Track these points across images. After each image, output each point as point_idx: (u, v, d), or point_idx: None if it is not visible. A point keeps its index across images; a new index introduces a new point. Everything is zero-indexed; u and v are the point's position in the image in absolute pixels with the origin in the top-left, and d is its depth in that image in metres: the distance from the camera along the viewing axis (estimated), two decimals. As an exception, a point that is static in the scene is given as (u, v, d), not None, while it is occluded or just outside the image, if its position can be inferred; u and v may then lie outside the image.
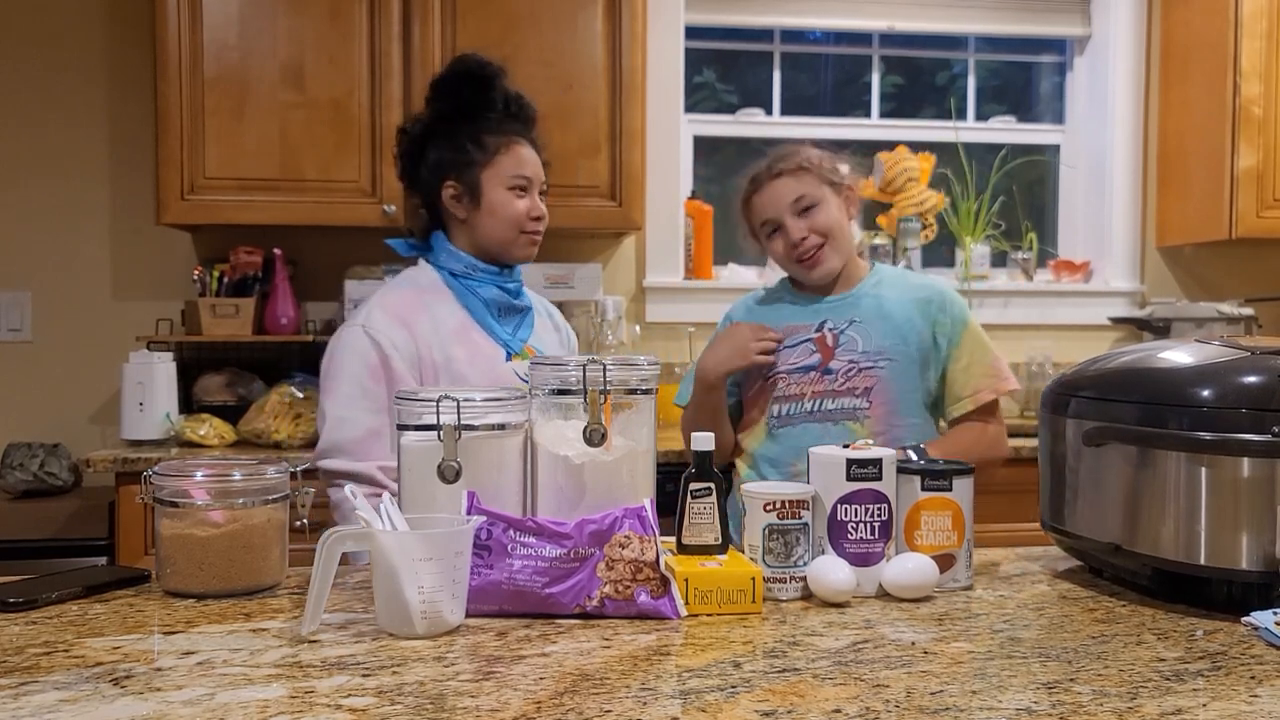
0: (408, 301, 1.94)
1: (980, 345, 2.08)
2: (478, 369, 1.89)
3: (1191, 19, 3.57)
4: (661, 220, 3.53)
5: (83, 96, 3.33)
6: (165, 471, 1.41)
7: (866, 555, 1.40)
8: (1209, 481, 1.31)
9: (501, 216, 1.95)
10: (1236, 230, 3.39)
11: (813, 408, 2.03)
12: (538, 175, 1.98)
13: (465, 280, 1.97)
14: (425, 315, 1.92)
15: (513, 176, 1.94)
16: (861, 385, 2.02)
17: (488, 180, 1.94)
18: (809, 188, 2.04)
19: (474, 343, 1.93)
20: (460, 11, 3.07)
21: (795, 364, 2.05)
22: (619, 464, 1.41)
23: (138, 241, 3.34)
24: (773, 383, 2.06)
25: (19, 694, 1.01)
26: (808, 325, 2.07)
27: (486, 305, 1.96)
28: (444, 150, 1.96)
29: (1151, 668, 1.11)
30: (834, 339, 2.05)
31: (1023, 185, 3.90)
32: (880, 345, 2.03)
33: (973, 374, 2.06)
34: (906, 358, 2.03)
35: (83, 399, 3.34)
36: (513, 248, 1.97)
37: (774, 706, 0.99)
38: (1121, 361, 1.49)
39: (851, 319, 2.06)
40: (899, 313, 2.06)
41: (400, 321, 1.89)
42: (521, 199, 1.95)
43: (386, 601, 1.20)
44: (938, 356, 2.06)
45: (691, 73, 3.71)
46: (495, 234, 1.96)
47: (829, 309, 2.08)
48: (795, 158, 2.06)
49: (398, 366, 1.85)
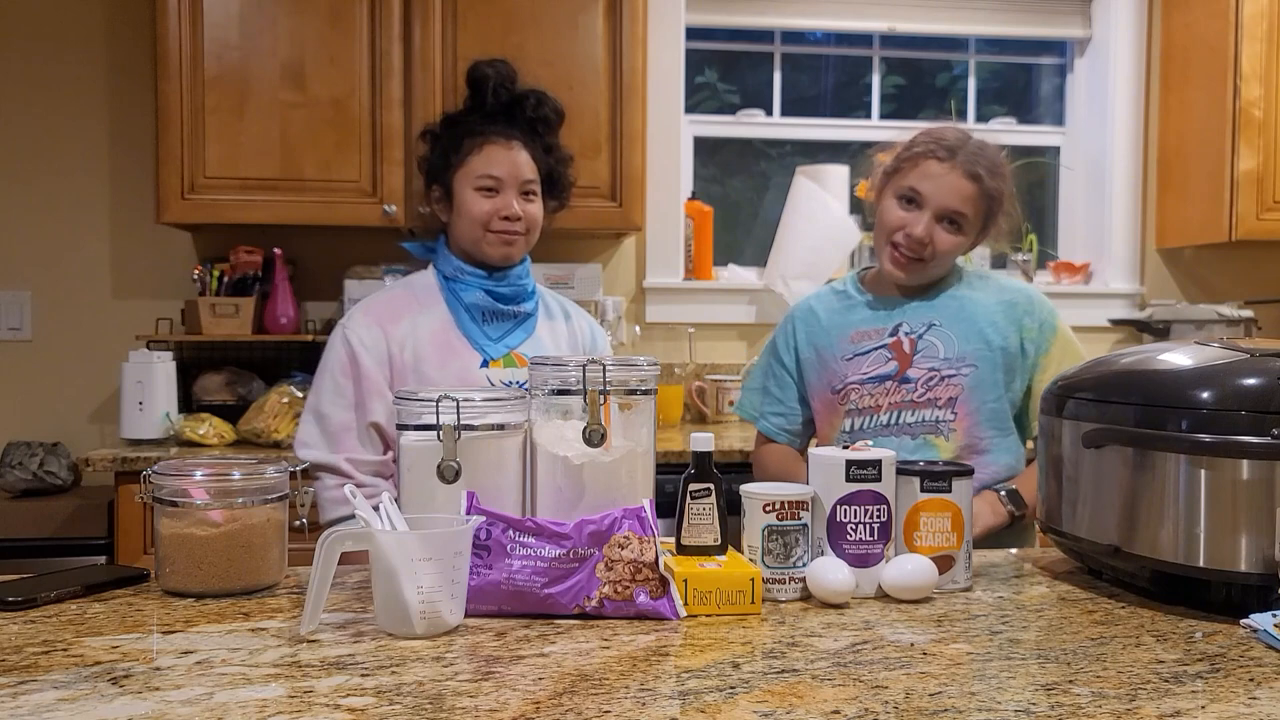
0: (394, 303, 1.98)
1: (1071, 355, 1.88)
2: (448, 373, 1.90)
3: (1192, 21, 3.57)
4: (662, 221, 3.53)
5: (83, 96, 3.33)
6: (164, 471, 1.41)
7: (865, 556, 1.40)
8: (1208, 484, 1.31)
9: (466, 217, 1.94)
10: (1236, 232, 3.39)
11: (889, 420, 1.87)
12: (514, 175, 1.95)
13: (453, 283, 1.98)
14: (408, 317, 1.95)
15: (479, 176, 1.94)
16: (944, 395, 1.85)
17: (458, 182, 1.96)
18: (973, 213, 1.85)
19: (450, 347, 1.93)
20: (461, 12, 3.07)
21: (868, 373, 1.88)
22: (618, 464, 1.41)
23: (138, 240, 3.33)
24: (844, 395, 1.90)
25: (18, 693, 1.01)
26: (880, 329, 1.90)
27: (469, 309, 1.96)
28: (435, 155, 2.01)
29: (1150, 669, 1.11)
30: (911, 344, 1.87)
31: (1023, 187, 3.88)
32: (963, 351, 1.86)
33: None
34: (991, 364, 1.86)
35: (82, 398, 3.34)
36: (483, 247, 1.95)
37: (773, 707, 0.99)
38: (1121, 363, 1.49)
39: (930, 322, 1.88)
40: (982, 315, 1.88)
41: (377, 322, 1.94)
42: (488, 198, 1.93)
43: (385, 601, 1.20)
44: (1024, 365, 1.89)
45: (693, 73, 3.71)
46: (465, 235, 1.96)
47: (905, 311, 1.91)
48: (994, 180, 1.85)
49: (366, 364, 1.90)
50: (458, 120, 2.00)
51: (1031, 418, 1.90)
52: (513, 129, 1.97)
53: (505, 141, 1.96)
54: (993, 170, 1.86)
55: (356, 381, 1.91)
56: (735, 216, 3.84)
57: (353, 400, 1.91)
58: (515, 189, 1.95)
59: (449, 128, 2.01)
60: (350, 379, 1.91)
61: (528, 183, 1.97)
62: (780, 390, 2.03)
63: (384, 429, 1.90)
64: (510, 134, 1.97)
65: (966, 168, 1.84)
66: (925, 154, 1.87)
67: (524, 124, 1.99)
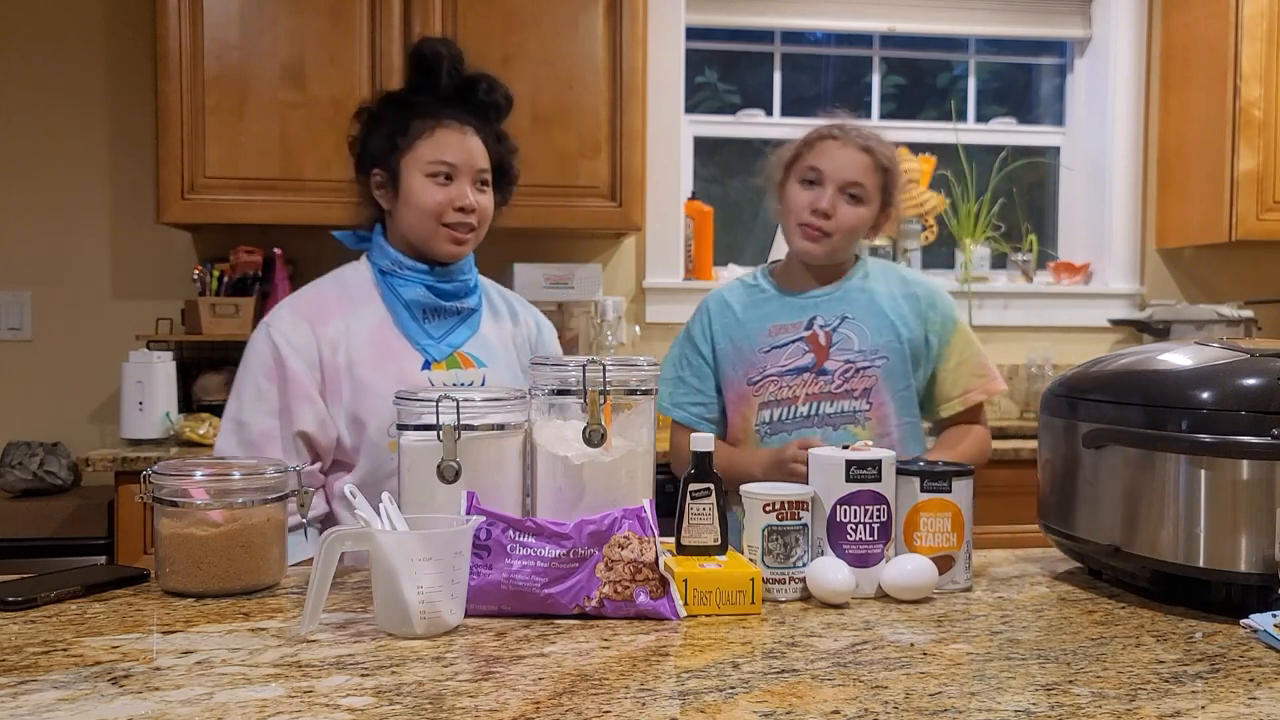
0: (324, 300, 1.81)
1: (970, 344, 2.02)
2: (386, 376, 1.71)
3: (1192, 21, 3.57)
4: (661, 221, 3.53)
5: (83, 96, 3.32)
6: (164, 471, 1.41)
7: (865, 556, 1.40)
8: (1208, 484, 1.31)
9: (415, 206, 1.77)
10: (1236, 233, 3.39)
11: (809, 411, 1.94)
12: (469, 163, 1.78)
13: (390, 278, 1.80)
14: (339, 316, 1.78)
15: (430, 162, 1.76)
16: (860, 386, 1.94)
17: (406, 167, 1.78)
18: (871, 184, 1.93)
19: (387, 347, 1.77)
20: (461, 12, 3.07)
21: (786, 366, 1.95)
22: (618, 465, 1.41)
23: (138, 240, 3.33)
24: (761, 387, 1.96)
25: (18, 693, 1.01)
26: (796, 323, 1.97)
27: (408, 307, 1.79)
28: (376, 136, 1.83)
29: (1150, 670, 1.11)
30: (827, 337, 1.95)
31: (1023, 187, 3.90)
32: (876, 344, 1.95)
33: (962, 374, 2.00)
34: (901, 355, 1.96)
35: (82, 398, 3.34)
36: (433, 241, 1.77)
37: (773, 708, 0.99)
38: (1121, 364, 1.49)
39: (843, 315, 1.96)
40: (891, 309, 1.97)
41: (306, 320, 1.77)
42: (441, 187, 1.76)
43: (385, 601, 1.20)
44: (928, 355, 1.99)
45: (693, 73, 3.71)
46: (413, 225, 1.78)
47: (817, 305, 1.98)
48: (888, 153, 1.96)
49: (293, 367, 1.73)
50: (404, 101, 1.83)
51: (936, 401, 2.02)
52: (466, 114, 1.81)
53: (459, 126, 1.79)
54: (881, 144, 1.97)
55: (281, 386, 1.73)
56: (735, 216, 3.84)
57: (276, 407, 1.73)
58: (470, 178, 1.78)
59: (393, 108, 1.83)
60: (274, 383, 1.73)
61: (482, 172, 1.80)
62: (699, 380, 2.05)
63: (313, 438, 1.72)
64: (464, 119, 1.80)
65: (860, 142, 1.95)
66: (820, 137, 1.97)
67: (476, 108, 1.82)
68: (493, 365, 1.82)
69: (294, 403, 1.72)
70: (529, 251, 3.38)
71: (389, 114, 1.83)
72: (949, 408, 2.01)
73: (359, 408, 1.73)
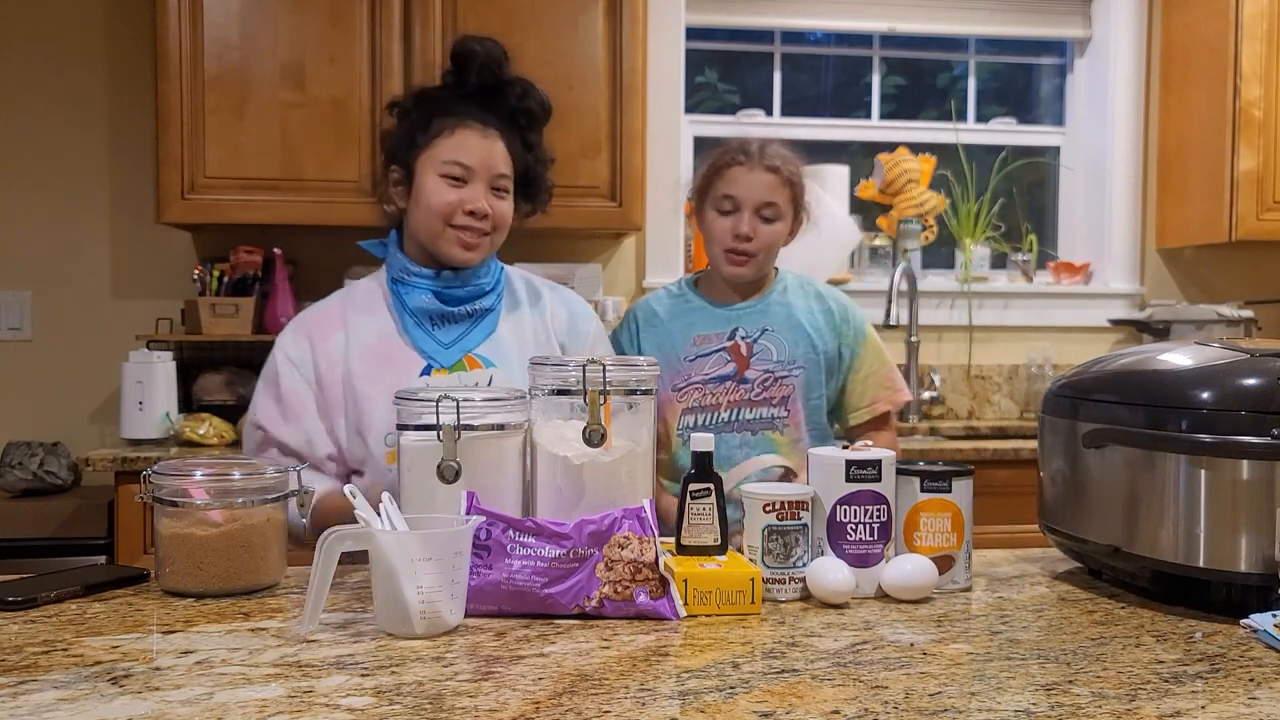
0: (328, 316, 1.80)
1: (878, 357, 2.10)
2: (382, 386, 1.66)
3: (1192, 21, 3.57)
4: (661, 221, 3.53)
5: (83, 95, 3.32)
6: (164, 471, 1.41)
7: (865, 556, 1.40)
8: (1208, 484, 1.31)
9: (424, 205, 1.72)
10: (1236, 233, 3.39)
11: (730, 417, 2.01)
12: (486, 166, 1.73)
13: (398, 285, 1.78)
14: (339, 331, 1.77)
15: (445, 162, 1.71)
16: (778, 394, 2.02)
17: (421, 165, 1.74)
18: (782, 200, 2.02)
19: (387, 358, 1.74)
20: (461, 12, 3.07)
21: (710, 374, 2.03)
22: (618, 464, 1.42)
23: (138, 241, 3.33)
24: (685, 394, 2.03)
25: (18, 693, 1.01)
26: (720, 334, 2.05)
27: (414, 314, 1.76)
28: (400, 132, 1.79)
29: (1150, 670, 1.11)
30: (748, 348, 2.04)
31: (1023, 187, 3.90)
32: (793, 355, 2.04)
33: (870, 385, 2.09)
34: (816, 366, 2.05)
35: (82, 398, 3.34)
36: (439, 242, 1.73)
37: (772, 708, 0.99)
38: (1121, 364, 1.49)
39: (764, 327, 2.05)
40: (808, 322, 2.06)
41: (307, 337, 1.77)
42: (453, 188, 1.71)
43: (385, 601, 1.20)
44: (840, 366, 2.08)
45: (693, 73, 3.71)
46: (422, 227, 1.74)
47: (740, 317, 2.06)
48: (791, 167, 2.04)
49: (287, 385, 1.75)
50: (431, 97, 1.79)
51: (846, 410, 2.11)
52: (491, 115, 1.76)
53: (481, 128, 1.74)
54: (785, 160, 2.04)
55: (278, 401, 1.75)
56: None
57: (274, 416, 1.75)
58: (485, 182, 1.73)
59: (422, 103, 1.79)
60: (273, 399, 1.75)
61: (500, 177, 1.75)
62: None
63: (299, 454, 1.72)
64: (488, 120, 1.75)
65: (765, 163, 2.02)
66: (727, 164, 2.03)
67: (505, 113, 1.78)
68: (504, 365, 1.77)
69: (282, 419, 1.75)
70: (529, 251, 3.38)
71: (416, 110, 1.79)
72: (857, 416, 2.10)
73: (359, 421, 1.73)
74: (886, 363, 2.12)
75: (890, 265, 3.63)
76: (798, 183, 2.05)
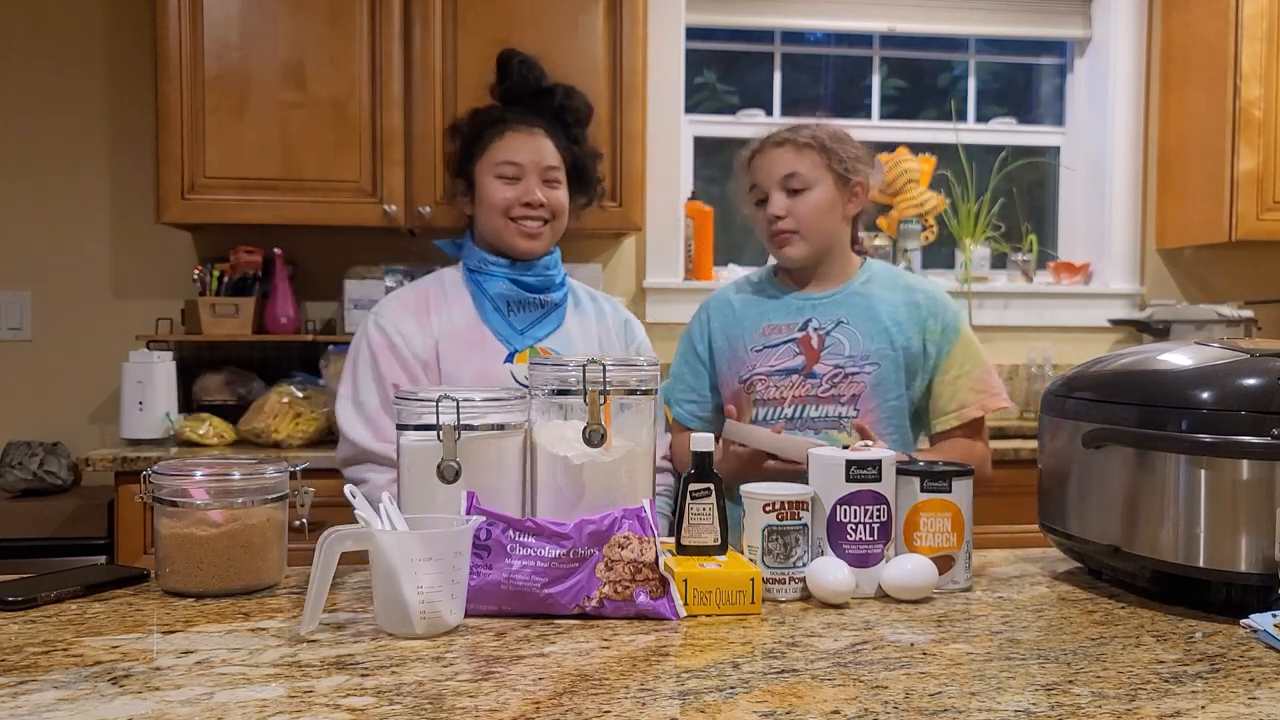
0: (426, 295, 1.96)
1: (971, 357, 1.96)
2: (470, 368, 1.87)
3: (1192, 21, 3.57)
4: (662, 221, 3.53)
5: (83, 95, 3.32)
6: (164, 471, 1.41)
7: (865, 556, 1.40)
8: (1208, 484, 1.31)
9: (487, 205, 1.93)
10: (1236, 233, 3.39)
11: (793, 414, 1.92)
12: (536, 162, 1.93)
13: (477, 275, 1.95)
14: (435, 311, 1.93)
15: (499, 164, 1.92)
16: (848, 392, 1.91)
17: (480, 171, 1.94)
18: (806, 168, 1.93)
19: (473, 341, 1.91)
20: (461, 12, 3.07)
21: (776, 366, 1.94)
22: (618, 464, 1.42)
23: (138, 241, 3.33)
24: (750, 385, 1.95)
25: (18, 693, 1.01)
26: (790, 324, 1.97)
27: (493, 301, 1.93)
28: (458, 148, 1.99)
29: (1150, 670, 1.11)
30: (820, 340, 1.93)
31: (1023, 187, 3.90)
32: (867, 349, 1.92)
33: (960, 388, 1.94)
34: (894, 364, 1.92)
35: (82, 398, 3.34)
36: (505, 235, 1.92)
37: (773, 708, 0.99)
38: (1121, 363, 1.49)
39: (839, 319, 1.95)
40: (887, 315, 1.94)
41: (411, 312, 1.93)
42: (509, 185, 1.91)
43: (385, 601, 1.20)
44: (925, 365, 1.95)
45: (692, 73, 3.71)
46: (487, 224, 1.94)
47: (814, 307, 1.97)
48: (809, 132, 1.96)
49: (389, 355, 1.88)
50: (481, 111, 2.00)
51: (932, 414, 1.99)
52: (536, 117, 1.96)
53: (527, 129, 1.94)
54: (799, 130, 1.98)
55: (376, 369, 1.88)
56: (735, 217, 3.83)
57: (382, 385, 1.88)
58: (537, 175, 1.92)
59: (473, 120, 2.00)
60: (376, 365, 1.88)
61: (550, 169, 1.94)
62: (694, 378, 2.08)
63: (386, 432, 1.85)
64: (533, 121, 1.95)
65: (776, 141, 1.99)
66: (748, 159, 2.02)
67: (549, 113, 1.97)
68: None
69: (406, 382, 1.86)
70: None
71: (469, 126, 2.00)
72: (944, 422, 1.96)
73: None
74: (982, 364, 1.97)
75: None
76: (819, 145, 1.95)
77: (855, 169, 1.96)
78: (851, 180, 1.96)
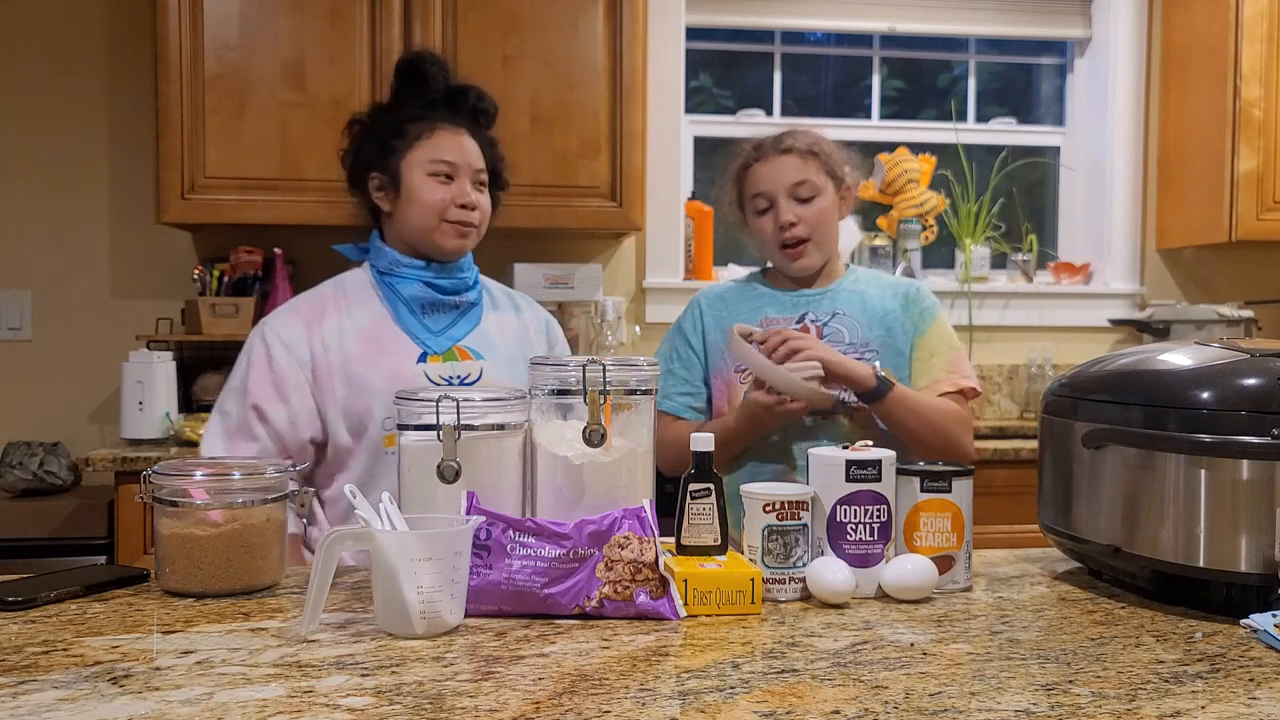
0: (320, 301, 1.88)
1: (945, 341, 2.01)
2: (379, 369, 1.79)
3: (1192, 22, 3.58)
4: (662, 221, 3.53)
5: (83, 96, 3.33)
6: (164, 471, 1.41)
7: (865, 556, 1.40)
8: (1208, 484, 1.31)
9: (419, 203, 1.83)
10: (1236, 233, 3.40)
11: None
12: (468, 163, 1.86)
13: (389, 277, 1.87)
14: (334, 315, 1.84)
15: (432, 162, 1.84)
16: None
17: (407, 167, 1.85)
18: (813, 175, 1.97)
19: (382, 342, 1.82)
20: (461, 12, 3.07)
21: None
22: (618, 465, 1.41)
23: (138, 241, 3.33)
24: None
25: (18, 693, 1.01)
26: (788, 318, 2.00)
27: (406, 303, 1.85)
28: (370, 142, 1.91)
29: (1150, 670, 1.11)
30: (818, 331, 1.98)
31: (1023, 187, 3.90)
32: (866, 337, 1.97)
33: (933, 365, 1.99)
34: (893, 350, 1.98)
35: (82, 398, 3.34)
36: (435, 236, 1.84)
37: (773, 708, 0.99)
38: (1121, 364, 1.49)
39: (834, 311, 2.00)
40: (880, 306, 2.00)
41: (302, 320, 1.84)
42: (443, 185, 1.84)
43: (385, 601, 1.20)
44: (908, 350, 2.00)
45: (688, 77, 3.71)
46: (415, 222, 1.84)
47: (809, 302, 2.01)
48: (808, 139, 1.99)
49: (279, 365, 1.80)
50: (394, 108, 1.91)
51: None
52: (458, 118, 1.89)
53: (454, 128, 1.87)
54: (797, 134, 2.00)
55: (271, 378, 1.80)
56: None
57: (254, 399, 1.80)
58: (469, 177, 1.86)
59: (386, 115, 1.91)
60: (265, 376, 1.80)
61: (479, 172, 1.88)
62: (686, 371, 2.08)
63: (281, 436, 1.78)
64: (457, 122, 1.88)
65: (777, 148, 1.99)
66: (746, 166, 2.02)
67: (468, 115, 1.91)
68: (491, 359, 1.87)
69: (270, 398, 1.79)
70: (529, 251, 3.39)
71: (381, 122, 1.91)
72: None
73: (355, 404, 1.78)
74: (955, 348, 2.01)
75: (890, 265, 3.63)
76: (821, 152, 1.99)
77: (845, 174, 2.02)
78: (843, 185, 2.02)
